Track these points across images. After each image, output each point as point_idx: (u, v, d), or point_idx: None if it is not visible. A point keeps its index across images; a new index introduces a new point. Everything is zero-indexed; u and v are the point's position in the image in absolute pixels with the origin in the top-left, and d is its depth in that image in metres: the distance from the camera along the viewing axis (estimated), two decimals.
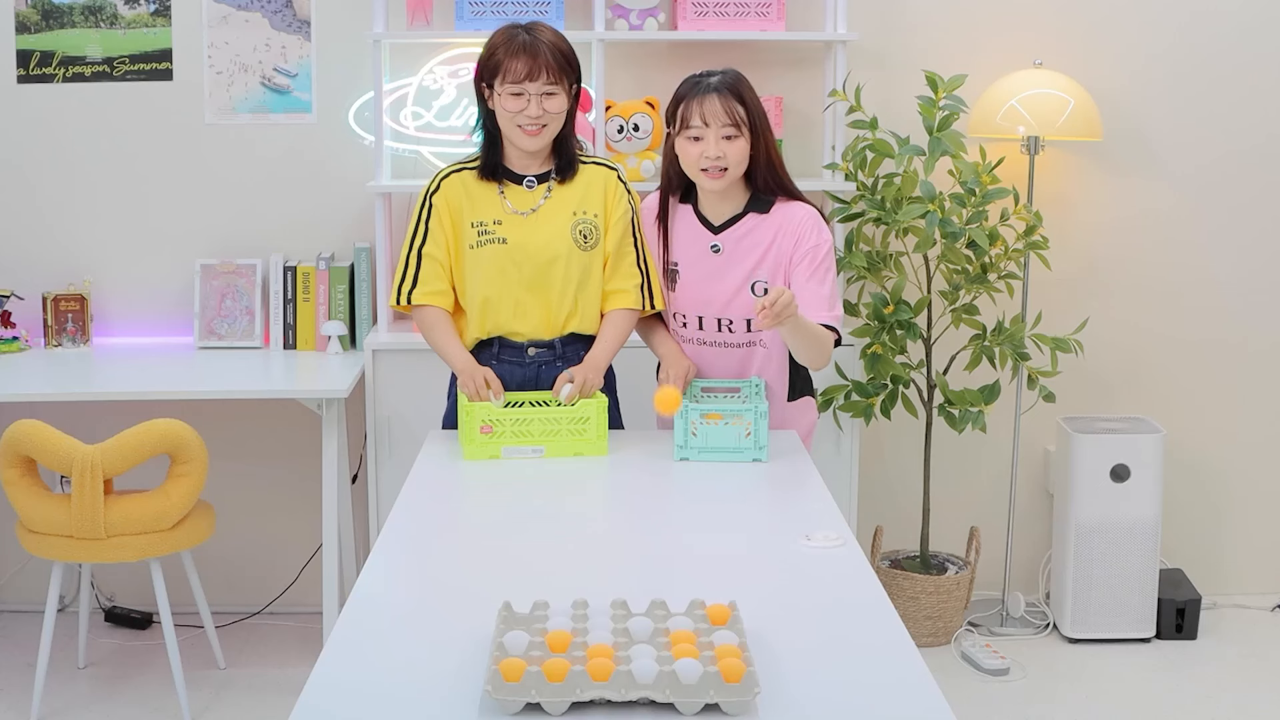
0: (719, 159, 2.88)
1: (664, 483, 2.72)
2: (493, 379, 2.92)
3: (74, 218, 4.16)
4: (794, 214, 2.96)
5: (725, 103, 2.87)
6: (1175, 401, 4.32)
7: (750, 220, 2.97)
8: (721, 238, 2.98)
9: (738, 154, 2.89)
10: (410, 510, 2.53)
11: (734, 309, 2.99)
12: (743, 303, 2.97)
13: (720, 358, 3.05)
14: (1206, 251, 4.27)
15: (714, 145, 2.87)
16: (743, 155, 2.90)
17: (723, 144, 2.87)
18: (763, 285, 2.96)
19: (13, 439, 3.43)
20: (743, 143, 2.89)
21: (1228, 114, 4.20)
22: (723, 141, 2.87)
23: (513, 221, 2.99)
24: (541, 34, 2.93)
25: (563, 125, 2.98)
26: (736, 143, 2.88)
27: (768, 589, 2.12)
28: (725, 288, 2.99)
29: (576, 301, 3.01)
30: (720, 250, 2.98)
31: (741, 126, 2.87)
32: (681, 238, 3.03)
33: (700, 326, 3.04)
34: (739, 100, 2.88)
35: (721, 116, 2.86)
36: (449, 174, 3.04)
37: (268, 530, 4.27)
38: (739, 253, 2.97)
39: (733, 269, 2.98)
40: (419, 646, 1.91)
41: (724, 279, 2.98)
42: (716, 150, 2.87)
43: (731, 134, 2.87)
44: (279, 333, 4.09)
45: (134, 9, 4.06)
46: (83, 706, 3.68)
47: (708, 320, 3.02)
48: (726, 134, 2.87)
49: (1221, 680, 3.84)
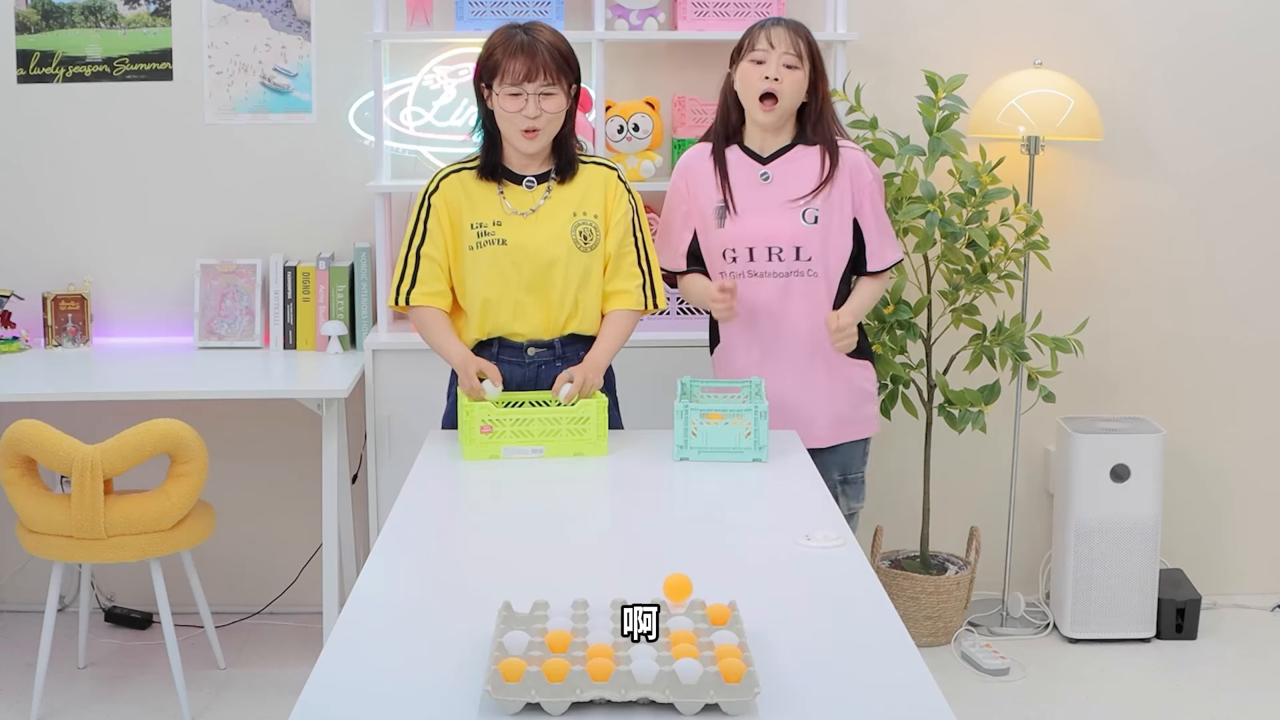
0: (776, 82, 3.02)
1: (664, 483, 2.72)
2: (489, 367, 2.92)
3: (74, 218, 4.16)
4: (848, 155, 3.12)
5: (791, 35, 3.05)
6: (1175, 401, 4.32)
7: (798, 151, 3.13)
8: (770, 167, 3.13)
9: (794, 84, 3.04)
10: (410, 510, 2.53)
11: (782, 236, 3.11)
12: (790, 229, 3.10)
13: (769, 287, 3.14)
14: (1206, 251, 4.27)
15: (775, 67, 3.02)
16: (798, 88, 3.05)
17: (782, 71, 3.02)
18: (813, 213, 3.10)
19: (13, 439, 3.43)
20: (800, 76, 3.04)
21: (1228, 114, 4.21)
22: (783, 68, 3.02)
23: (512, 222, 2.98)
24: (540, 34, 2.92)
25: (562, 125, 2.97)
26: (795, 73, 3.03)
27: (768, 589, 2.12)
28: (774, 215, 3.11)
29: (577, 303, 3.00)
30: (769, 179, 3.11)
31: (802, 60, 3.03)
32: (733, 177, 3.16)
33: (751, 258, 3.14)
34: (804, 39, 3.06)
35: (786, 43, 3.03)
36: (448, 174, 3.03)
37: (268, 530, 4.27)
38: (787, 181, 3.11)
39: (781, 196, 3.10)
40: (419, 646, 1.91)
41: (772, 206, 3.11)
42: (775, 71, 3.02)
43: (792, 63, 3.03)
44: (279, 333, 4.09)
45: (134, 9, 4.06)
46: (83, 706, 3.68)
47: (758, 250, 3.13)
48: (787, 62, 3.02)
49: (1221, 680, 3.84)
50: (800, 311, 3.15)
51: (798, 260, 3.12)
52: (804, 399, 3.17)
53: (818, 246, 3.12)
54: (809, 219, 3.11)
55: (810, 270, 3.13)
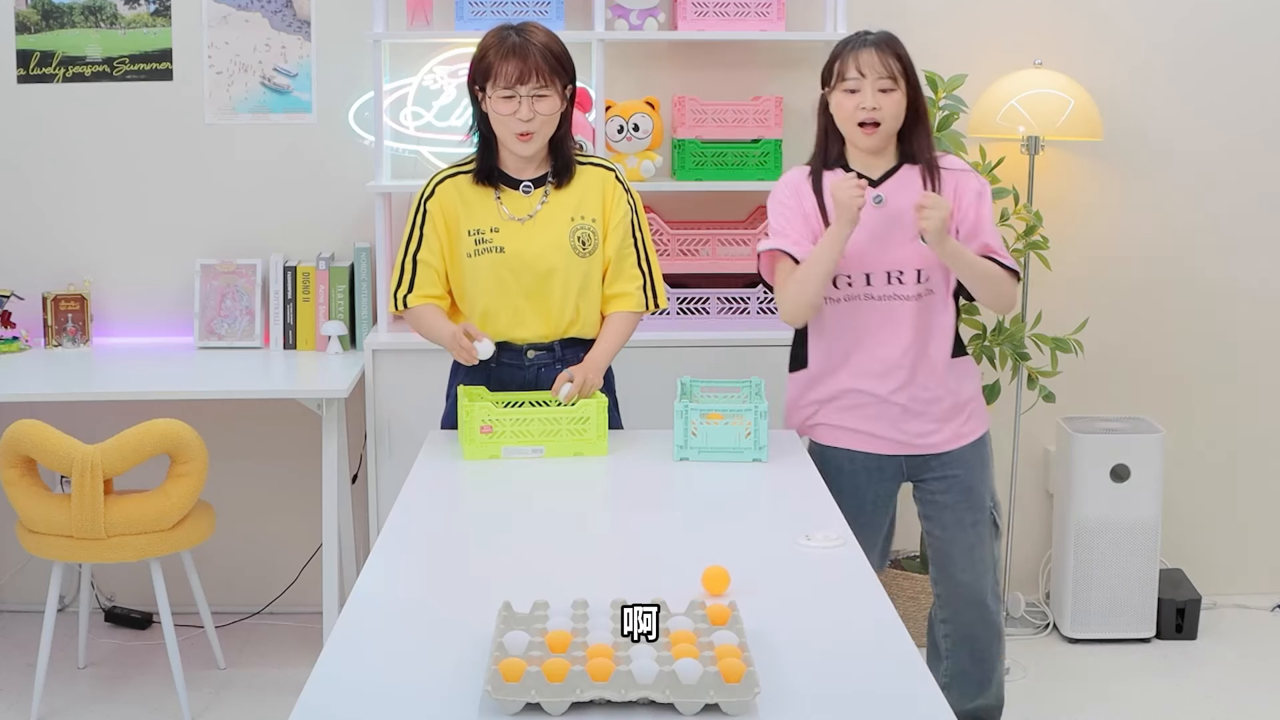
0: (875, 111, 2.87)
1: (664, 483, 2.72)
2: (474, 329, 2.88)
3: (74, 218, 4.16)
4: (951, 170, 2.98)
5: (881, 56, 2.88)
6: (1175, 401, 4.32)
7: (906, 170, 2.96)
8: (883, 188, 2.95)
9: (893, 107, 2.89)
10: (410, 510, 2.53)
11: (903, 259, 2.94)
12: (912, 252, 2.93)
13: (892, 311, 2.96)
14: (1206, 251, 4.27)
15: (870, 96, 2.87)
16: (898, 109, 2.90)
17: (878, 96, 2.88)
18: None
19: (13, 439, 3.43)
20: (898, 96, 2.89)
21: (1228, 114, 4.20)
22: (878, 94, 2.88)
23: (510, 229, 2.96)
24: (533, 35, 2.88)
25: (558, 127, 2.94)
26: (892, 96, 2.88)
27: (768, 589, 2.12)
28: (893, 239, 2.93)
29: (577, 309, 2.99)
30: (883, 201, 2.93)
31: (898, 80, 2.88)
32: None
33: (868, 283, 2.96)
34: (895, 55, 2.90)
35: (878, 68, 2.87)
36: (443, 179, 3.01)
37: (268, 530, 4.27)
38: (903, 200, 2.92)
39: (898, 218, 2.93)
40: (419, 646, 1.91)
41: (890, 230, 2.93)
42: (872, 101, 2.87)
43: (887, 86, 2.88)
44: (279, 333, 4.09)
45: (134, 9, 4.06)
46: (83, 706, 3.68)
47: (876, 276, 2.95)
48: (882, 86, 2.87)
49: (1221, 680, 3.84)
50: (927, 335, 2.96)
51: (919, 283, 2.94)
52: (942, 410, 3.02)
53: (938, 267, 2.94)
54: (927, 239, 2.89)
55: (929, 290, 2.95)
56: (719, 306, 3.93)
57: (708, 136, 3.88)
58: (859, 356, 2.98)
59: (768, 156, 3.89)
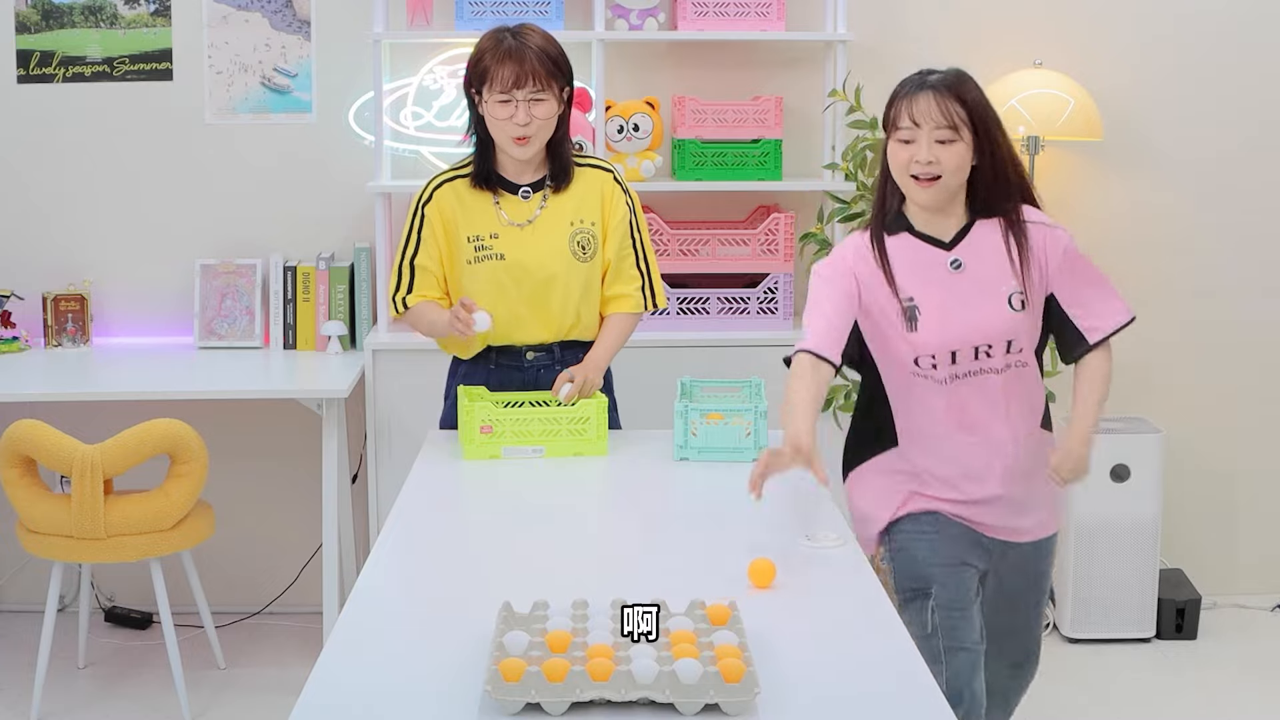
0: (930, 164, 2.49)
1: (664, 483, 2.72)
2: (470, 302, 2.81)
3: (74, 218, 4.16)
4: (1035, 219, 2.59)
5: (941, 101, 2.49)
6: (1175, 401, 4.32)
7: (980, 228, 2.57)
8: (958, 252, 2.56)
9: (954, 160, 2.50)
10: (410, 510, 2.53)
11: (990, 330, 2.55)
12: (999, 320, 2.55)
13: (984, 389, 2.59)
14: (1206, 251, 4.27)
15: (925, 149, 2.49)
16: (961, 161, 2.51)
17: (936, 148, 2.49)
18: (1020, 298, 2.55)
19: (13, 439, 3.43)
20: (961, 148, 2.50)
21: (1228, 113, 4.20)
22: (936, 146, 2.49)
23: (509, 234, 2.94)
24: (529, 38, 2.85)
25: (556, 129, 2.91)
26: (953, 147, 2.49)
27: (768, 589, 2.12)
28: (977, 308, 2.55)
29: (578, 314, 2.99)
30: (962, 266, 2.55)
31: (960, 129, 2.49)
32: (908, 267, 2.57)
33: (953, 361, 2.56)
34: (958, 99, 2.50)
35: (935, 117, 2.49)
36: (441, 183, 2.98)
37: (268, 530, 4.27)
38: (983, 263, 2.55)
39: (981, 285, 2.55)
40: (419, 646, 1.91)
41: (973, 298, 2.55)
42: (928, 154, 2.49)
43: (946, 138, 2.49)
44: (279, 333, 4.09)
45: (134, 9, 4.06)
46: (83, 706, 3.68)
47: (963, 352, 2.55)
48: (940, 137, 2.49)
49: (1221, 680, 3.84)
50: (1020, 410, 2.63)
51: (1008, 354, 2.57)
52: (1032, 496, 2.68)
53: (1025, 335, 2.59)
54: (1016, 304, 2.55)
55: (1021, 361, 2.60)
56: (719, 306, 3.93)
57: (708, 136, 3.88)
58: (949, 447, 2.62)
59: (768, 156, 3.89)
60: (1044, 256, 2.57)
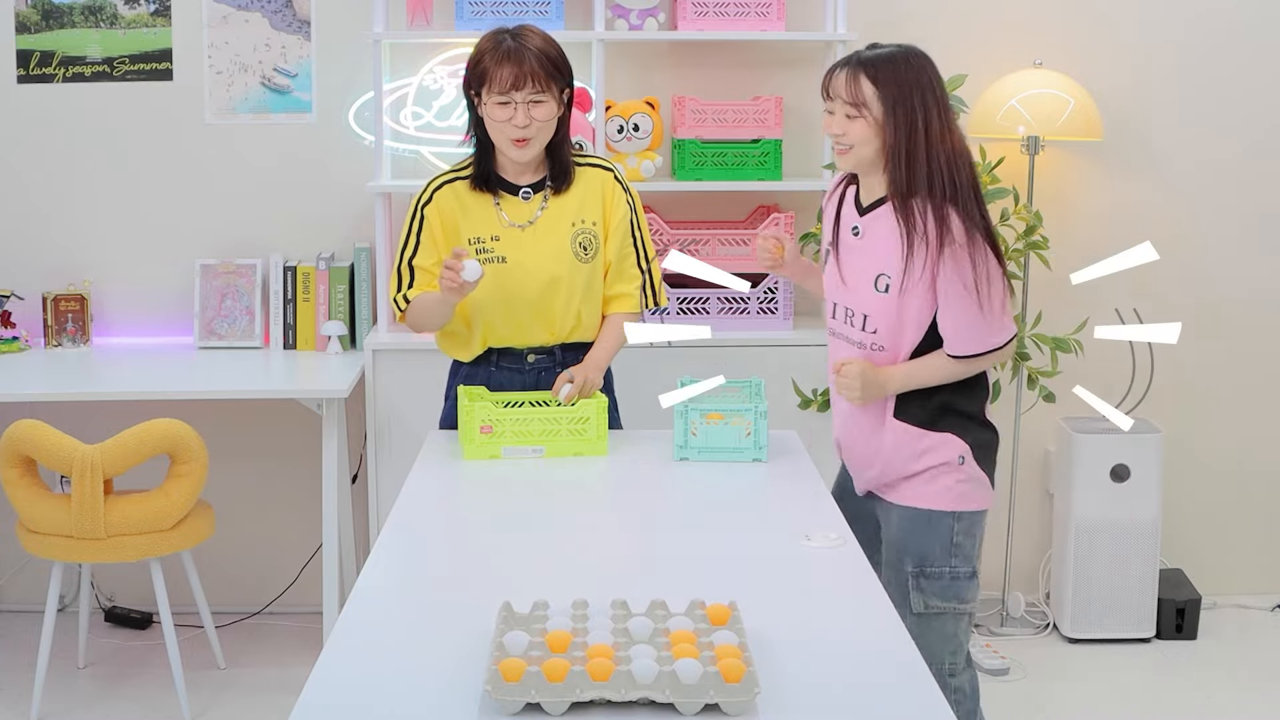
0: (840, 136, 2.64)
1: (664, 483, 2.72)
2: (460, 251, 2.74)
3: (74, 218, 4.16)
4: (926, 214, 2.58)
5: (851, 79, 2.60)
6: (1175, 401, 4.32)
7: (886, 208, 2.65)
8: (864, 220, 2.70)
9: (859, 135, 2.62)
10: (410, 510, 2.53)
11: (856, 299, 2.69)
12: (863, 295, 2.67)
13: (842, 351, 2.75)
14: (1206, 251, 4.27)
15: (836, 123, 2.64)
16: (864, 137, 2.61)
17: (845, 122, 2.62)
18: (886, 281, 2.63)
19: (13, 439, 3.43)
20: (863, 124, 2.60)
21: (1228, 113, 4.21)
22: (845, 120, 2.62)
23: (511, 236, 2.93)
24: (528, 39, 2.84)
25: (556, 131, 2.89)
26: (858, 123, 2.61)
27: (768, 589, 2.12)
28: (856, 276, 2.70)
29: (579, 316, 2.98)
30: (860, 234, 2.70)
31: (864, 108, 2.59)
32: (843, 218, 2.77)
33: (833, 314, 2.77)
34: (870, 79, 2.58)
35: (843, 94, 2.62)
36: (440, 185, 2.96)
37: (268, 530, 4.27)
38: (873, 240, 2.67)
39: (866, 257, 2.68)
40: (419, 646, 1.91)
41: (857, 267, 2.70)
42: (839, 128, 2.64)
43: (853, 113, 2.61)
44: (279, 333, 4.09)
45: (134, 9, 4.06)
46: (83, 706, 3.68)
47: (840, 309, 2.75)
48: (848, 113, 2.62)
49: (1221, 680, 3.84)
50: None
51: (864, 331, 2.67)
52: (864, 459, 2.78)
53: (885, 320, 2.64)
54: (880, 287, 2.64)
55: (876, 344, 2.67)
56: (719, 306, 3.93)
57: (708, 136, 3.88)
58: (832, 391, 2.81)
59: (768, 156, 3.89)
60: (935, 266, 2.57)
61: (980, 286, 2.57)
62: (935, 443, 2.68)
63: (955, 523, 2.69)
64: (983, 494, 2.72)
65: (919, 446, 2.68)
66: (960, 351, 2.63)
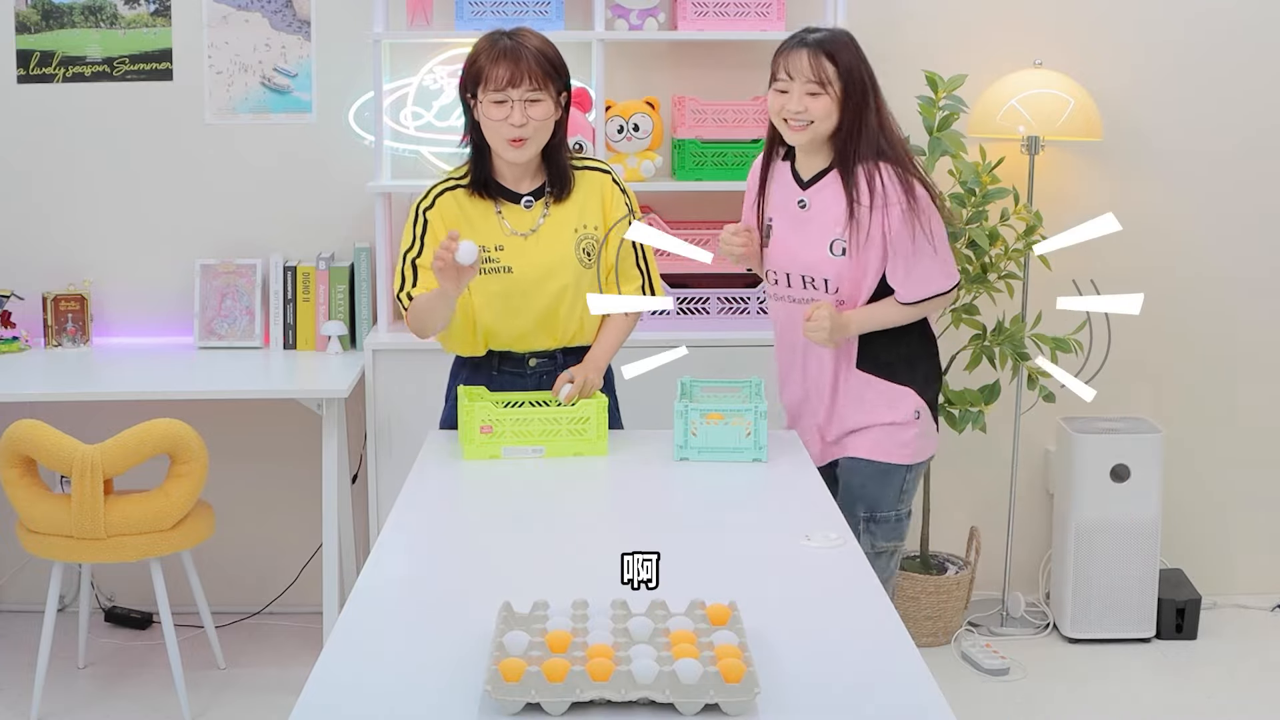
0: (799, 113, 2.87)
1: (664, 483, 2.72)
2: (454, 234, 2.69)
3: (74, 218, 4.16)
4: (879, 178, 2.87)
5: (813, 59, 2.86)
6: (1175, 401, 4.32)
7: (833, 177, 2.93)
8: (808, 193, 2.96)
9: (821, 110, 2.87)
10: (410, 510, 2.53)
11: (813, 266, 2.95)
12: (820, 260, 2.94)
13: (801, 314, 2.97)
14: (1206, 251, 4.27)
15: (796, 100, 2.87)
16: (827, 112, 2.87)
17: (806, 100, 2.86)
18: (841, 245, 2.91)
19: (13, 439, 3.43)
20: (826, 101, 2.86)
21: (1228, 113, 4.21)
22: (806, 98, 2.86)
23: (514, 245, 2.90)
24: (525, 39, 2.82)
25: (552, 135, 2.87)
26: (820, 100, 2.86)
27: (768, 589, 2.12)
28: (809, 244, 2.95)
29: (582, 322, 2.98)
30: (806, 206, 2.96)
31: (827, 85, 2.85)
32: (776, 194, 3.03)
33: (788, 284, 3.00)
34: (829, 58, 2.86)
35: (806, 72, 2.86)
36: (442, 192, 2.94)
37: (268, 530, 4.27)
38: (821, 208, 2.94)
39: (816, 226, 2.94)
40: (419, 646, 1.91)
41: (808, 236, 2.95)
42: (798, 105, 2.87)
43: (814, 90, 2.86)
44: (279, 333, 4.09)
45: (134, 9, 4.06)
46: (83, 706, 3.68)
47: (794, 278, 2.99)
48: (810, 90, 2.86)
49: (1221, 680, 3.84)
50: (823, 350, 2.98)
51: (827, 292, 2.94)
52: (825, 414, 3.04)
53: (848, 280, 2.92)
54: (836, 251, 2.91)
55: (839, 303, 2.94)
56: (719, 306, 3.93)
57: (708, 136, 3.88)
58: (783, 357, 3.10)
59: None
60: (885, 218, 2.87)
61: (928, 235, 2.89)
62: (896, 396, 2.99)
63: (908, 473, 3.02)
64: (932, 443, 3.06)
65: (880, 399, 2.98)
66: (910, 298, 2.93)
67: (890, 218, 2.87)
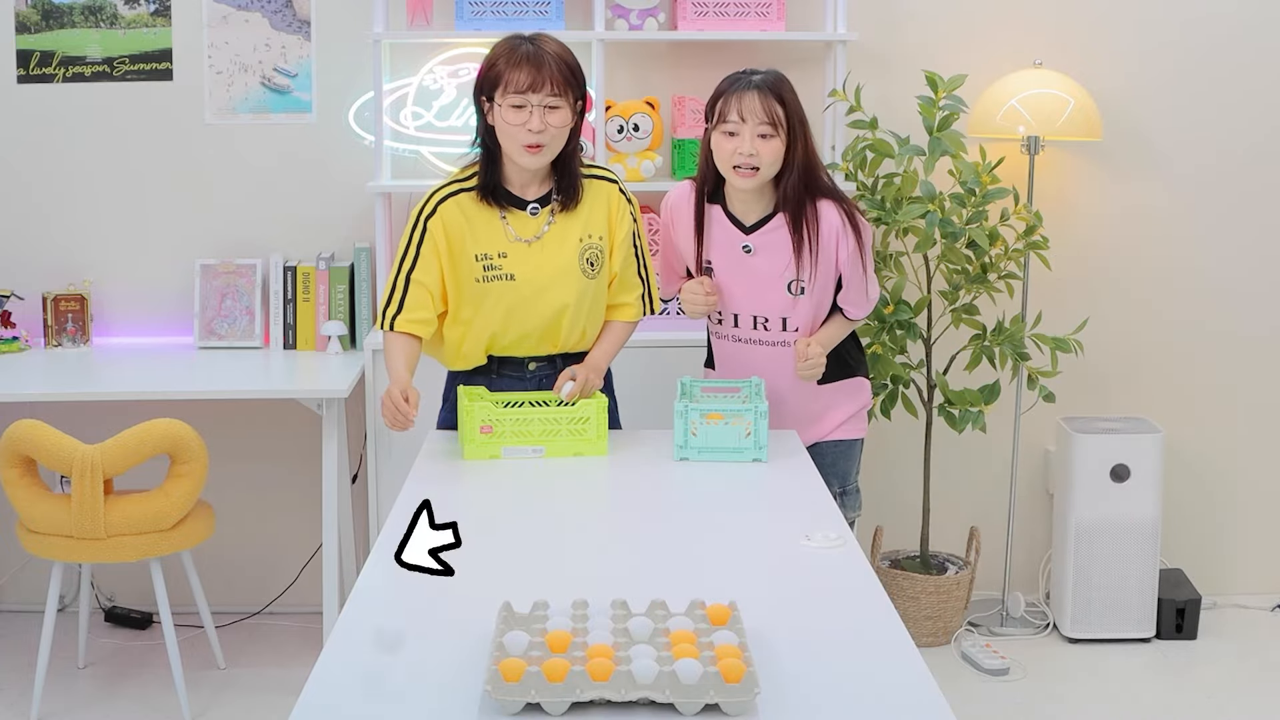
0: (752, 156, 2.88)
1: (664, 483, 2.72)
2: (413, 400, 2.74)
3: (74, 218, 4.16)
4: (826, 218, 2.97)
5: (764, 101, 2.87)
6: (1175, 401, 4.32)
7: (779, 220, 2.98)
8: (753, 238, 3.00)
9: (771, 154, 2.89)
10: (410, 510, 2.52)
11: (768, 307, 3.03)
12: (776, 301, 3.02)
13: (758, 354, 3.09)
14: (1206, 251, 4.27)
15: (748, 142, 2.87)
16: (776, 156, 2.90)
17: (757, 142, 2.88)
18: (800, 285, 3.00)
19: (13, 439, 3.43)
20: (777, 143, 2.89)
21: (1227, 113, 4.21)
22: (757, 140, 2.88)
23: (518, 252, 2.88)
24: (546, 45, 2.79)
25: (566, 143, 2.84)
26: (771, 142, 2.89)
27: (768, 589, 2.12)
28: (759, 287, 3.02)
29: (584, 331, 2.98)
30: (752, 251, 3.00)
31: (778, 127, 2.88)
32: (715, 238, 3.04)
33: (736, 324, 3.09)
34: (778, 100, 2.88)
35: (759, 114, 2.87)
36: (445, 197, 2.89)
37: (268, 530, 4.27)
38: (770, 252, 2.99)
39: (765, 269, 3.00)
40: (419, 646, 1.91)
41: (757, 278, 3.01)
42: (750, 148, 2.87)
43: (767, 133, 2.88)
44: (279, 333, 4.09)
45: (134, 9, 4.06)
46: (83, 706, 3.68)
47: (743, 318, 3.07)
48: (762, 132, 2.87)
49: (1221, 680, 3.84)
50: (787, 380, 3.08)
51: (784, 331, 3.05)
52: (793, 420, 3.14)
53: (807, 316, 3.04)
54: (795, 290, 3.01)
55: (794, 338, 3.06)
56: None
57: None
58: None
59: None
60: (834, 252, 2.99)
61: (869, 261, 3.05)
62: (854, 386, 3.20)
63: (861, 444, 3.26)
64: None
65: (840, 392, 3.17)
66: (862, 315, 3.13)
67: (842, 253, 2.98)
